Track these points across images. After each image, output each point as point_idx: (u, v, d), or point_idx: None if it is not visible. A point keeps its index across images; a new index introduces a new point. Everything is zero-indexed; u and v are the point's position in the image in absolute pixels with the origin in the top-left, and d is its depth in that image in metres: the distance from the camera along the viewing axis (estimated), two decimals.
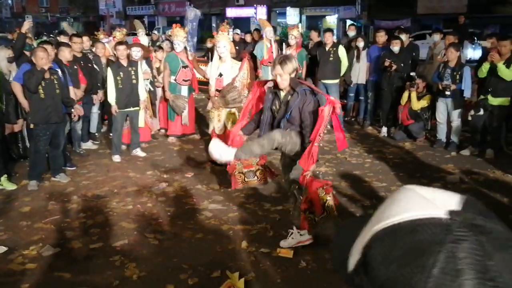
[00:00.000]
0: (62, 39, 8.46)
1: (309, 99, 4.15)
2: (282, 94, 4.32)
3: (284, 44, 10.25)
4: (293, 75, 4.21)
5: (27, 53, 7.66)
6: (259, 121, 4.51)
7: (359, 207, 5.58)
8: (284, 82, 4.19)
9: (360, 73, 9.44)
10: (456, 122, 7.78)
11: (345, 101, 10.03)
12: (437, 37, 9.45)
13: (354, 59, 9.37)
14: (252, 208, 5.56)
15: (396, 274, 0.64)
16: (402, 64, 8.49)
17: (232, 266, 4.18)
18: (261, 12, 30.62)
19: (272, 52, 10.09)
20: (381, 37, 9.33)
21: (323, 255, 4.42)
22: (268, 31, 10.33)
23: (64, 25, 13.16)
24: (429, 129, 8.66)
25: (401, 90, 8.51)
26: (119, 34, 10.20)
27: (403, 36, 9.07)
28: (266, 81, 4.87)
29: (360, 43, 9.43)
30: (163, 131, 9.04)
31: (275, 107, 4.36)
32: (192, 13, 11.38)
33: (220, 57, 6.88)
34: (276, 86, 4.34)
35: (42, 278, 4.08)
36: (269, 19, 28.22)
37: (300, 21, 29.22)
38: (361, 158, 7.51)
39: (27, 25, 7.59)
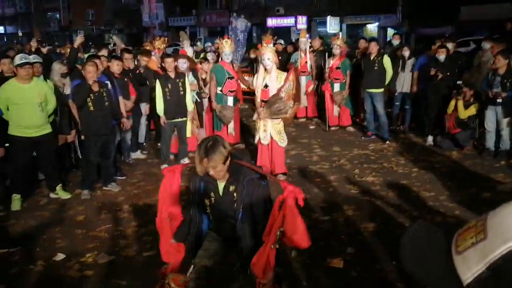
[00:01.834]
0: (102, 52, 8.66)
1: (258, 187, 3.27)
2: (220, 185, 3.35)
3: (327, 54, 10.25)
4: (228, 162, 3.20)
5: (79, 66, 7.96)
6: (192, 219, 3.54)
7: (407, 217, 5.52)
8: (220, 174, 3.22)
9: (405, 82, 9.36)
10: (505, 130, 7.60)
11: (389, 110, 9.97)
12: (486, 45, 9.25)
13: (399, 68, 9.30)
14: None
15: None
16: (447, 73, 8.37)
17: (283, 276, 4.21)
18: (301, 21, 30.62)
19: (306, 62, 10.15)
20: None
21: (373, 265, 4.40)
22: (301, 42, 10.40)
23: (114, 37, 13.50)
24: (477, 137, 8.48)
25: (447, 99, 8.38)
26: (158, 43, 10.41)
27: (449, 45, 8.94)
28: (179, 167, 3.83)
29: (406, 53, 9.36)
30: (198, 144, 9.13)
31: (210, 201, 3.40)
32: (243, 24, 11.48)
33: (265, 69, 6.95)
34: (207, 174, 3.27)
35: (99, 285, 4.21)
36: (309, 28, 28.22)
37: (341, 30, 29.07)
38: (408, 168, 7.43)
39: (79, 40, 7.89)
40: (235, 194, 3.29)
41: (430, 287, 0.83)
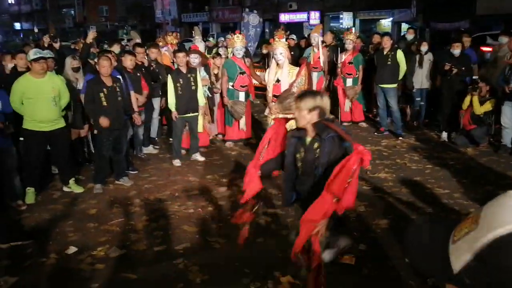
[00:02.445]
0: (114, 48, 8.66)
1: (337, 147, 3.46)
2: (307, 140, 3.63)
3: (339, 49, 10.17)
4: (315, 114, 3.50)
5: (91, 61, 8.00)
6: (282, 164, 3.87)
7: (420, 214, 5.47)
8: (301, 119, 3.53)
9: (423, 78, 9.26)
10: None
11: (402, 106, 9.88)
12: (503, 39, 9.10)
13: (416, 64, 9.19)
14: None
15: None
16: (463, 68, 8.26)
17: (293, 271, 4.19)
18: (314, 17, 30.52)
19: (318, 58, 10.07)
20: (467, 42, 9.09)
21: (385, 262, 4.37)
22: (313, 37, 10.31)
23: (132, 33, 13.55)
24: (492, 134, 8.36)
25: (462, 94, 8.28)
26: (170, 38, 10.42)
27: (466, 40, 8.82)
28: (286, 119, 4.25)
29: (424, 47, 9.25)
30: (220, 136, 9.17)
31: (299, 155, 3.69)
32: (256, 19, 11.49)
33: (277, 64, 6.92)
34: (299, 129, 3.66)
35: (110, 278, 4.22)
36: (322, 23, 28.09)
37: (354, 25, 28.89)
38: (422, 164, 7.36)
39: (91, 35, 7.91)
40: (318, 151, 3.51)
41: (432, 278, 0.83)
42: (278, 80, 6.90)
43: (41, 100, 6.00)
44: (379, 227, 5.14)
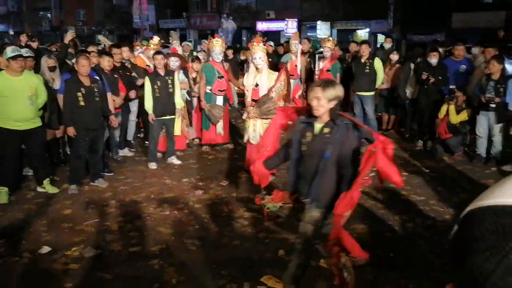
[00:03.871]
0: (91, 49, 8.58)
1: (351, 136, 3.49)
2: (317, 125, 3.62)
3: (317, 56, 10.22)
4: (333, 104, 3.52)
5: (69, 62, 7.90)
6: (285, 156, 3.96)
7: (396, 220, 5.51)
8: (320, 109, 3.50)
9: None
10: (498, 136, 7.60)
11: (379, 114, 9.98)
12: (476, 50, 9.32)
13: (411, 73, 9.20)
14: (288, 216, 5.54)
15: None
16: (439, 77, 8.39)
17: (270, 274, 4.18)
18: (292, 26, 30.65)
19: (295, 66, 10.11)
20: (462, 50, 9.05)
21: (362, 267, 4.36)
22: (293, 44, 10.36)
23: (100, 37, 13.29)
24: (467, 143, 8.49)
25: (438, 103, 8.40)
26: (153, 42, 10.22)
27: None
28: (293, 109, 4.30)
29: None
30: (197, 140, 9.12)
31: (305, 139, 3.68)
32: (230, 25, 11.50)
33: (256, 68, 6.92)
34: (309, 115, 3.69)
35: (84, 278, 4.15)
36: (299, 33, 28.27)
37: (331, 35, 29.09)
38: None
39: (70, 36, 7.81)
40: (329, 136, 3.51)
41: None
42: (257, 85, 6.89)
43: (17, 98, 5.89)
44: (355, 232, 5.15)
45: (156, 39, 10.13)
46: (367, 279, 4.18)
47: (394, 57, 9.50)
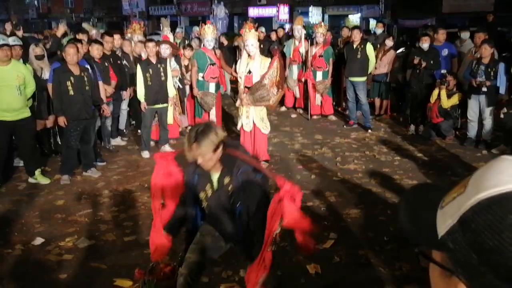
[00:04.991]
0: (81, 37, 8.45)
1: (253, 183, 2.96)
2: (214, 175, 3.04)
3: (309, 42, 10.15)
4: (220, 152, 2.89)
5: (58, 52, 7.81)
6: (184, 216, 3.32)
7: (389, 203, 5.54)
8: (209, 163, 2.90)
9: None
10: (488, 119, 7.65)
11: (371, 99, 9.99)
12: (465, 35, 9.32)
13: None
14: None
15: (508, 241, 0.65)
16: (431, 61, 8.39)
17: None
18: (284, 11, 30.50)
19: (298, 51, 10.05)
20: (442, 34, 9.09)
21: (356, 251, 4.40)
22: (296, 29, 10.28)
23: (85, 25, 12.97)
24: (458, 127, 8.52)
25: (430, 88, 8.41)
26: (137, 28, 9.85)
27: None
28: (171, 153, 3.61)
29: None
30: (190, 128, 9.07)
31: (204, 193, 3.11)
32: (222, 11, 11.40)
33: (249, 55, 6.88)
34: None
35: (78, 269, 4.14)
36: (291, 18, 28.15)
37: (323, 20, 29.01)
38: (390, 156, 7.45)
39: (62, 29, 7.72)
40: (230, 187, 2.98)
41: (421, 244, 0.83)
42: (249, 72, 6.85)
43: (5, 88, 5.83)
44: (350, 216, 5.19)
45: (136, 26, 9.87)
46: (361, 262, 4.21)
47: (389, 43, 9.47)
